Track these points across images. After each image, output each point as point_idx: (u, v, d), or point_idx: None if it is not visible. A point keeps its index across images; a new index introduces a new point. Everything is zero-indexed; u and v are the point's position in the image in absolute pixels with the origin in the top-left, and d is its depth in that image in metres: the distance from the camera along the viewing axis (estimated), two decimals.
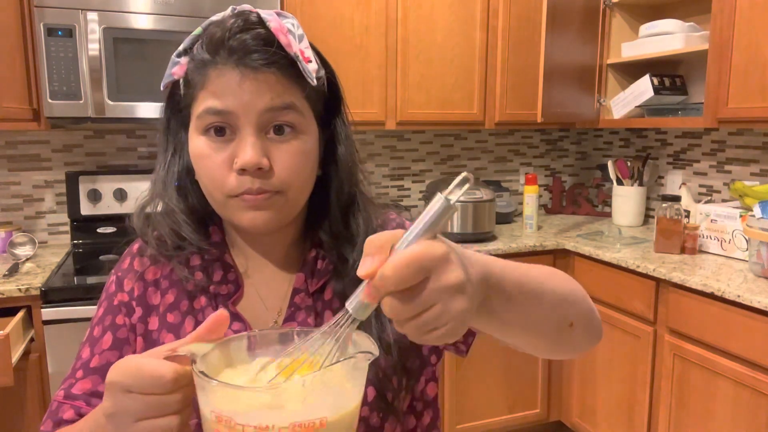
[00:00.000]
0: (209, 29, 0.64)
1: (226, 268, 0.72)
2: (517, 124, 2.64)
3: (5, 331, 1.56)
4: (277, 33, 0.61)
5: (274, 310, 0.72)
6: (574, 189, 3.06)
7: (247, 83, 0.61)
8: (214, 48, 0.62)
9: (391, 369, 0.69)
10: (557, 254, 2.41)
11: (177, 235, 0.70)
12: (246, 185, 0.62)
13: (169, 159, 0.71)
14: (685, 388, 1.88)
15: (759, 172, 2.28)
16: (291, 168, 0.64)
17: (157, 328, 0.71)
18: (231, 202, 0.64)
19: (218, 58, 0.61)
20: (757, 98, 1.87)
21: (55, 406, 0.69)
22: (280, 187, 0.64)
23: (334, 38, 2.28)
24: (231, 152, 0.63)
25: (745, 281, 1.76)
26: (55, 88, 1.88)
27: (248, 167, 0.61)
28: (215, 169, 0.63)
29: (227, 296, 0.71)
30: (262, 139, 0.63)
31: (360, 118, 2.36)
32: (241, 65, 0.60)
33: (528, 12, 2.55)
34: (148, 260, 0.73)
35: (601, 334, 0.69)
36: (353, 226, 0.72)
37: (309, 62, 0.63)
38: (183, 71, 0.65)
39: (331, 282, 0.72)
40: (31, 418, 1.79)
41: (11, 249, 2.09)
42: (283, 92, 0.62)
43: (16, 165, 2.27)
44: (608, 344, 2.20)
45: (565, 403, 2.48)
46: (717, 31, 2.00)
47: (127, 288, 0.73)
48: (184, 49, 0.65)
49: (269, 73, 0.61)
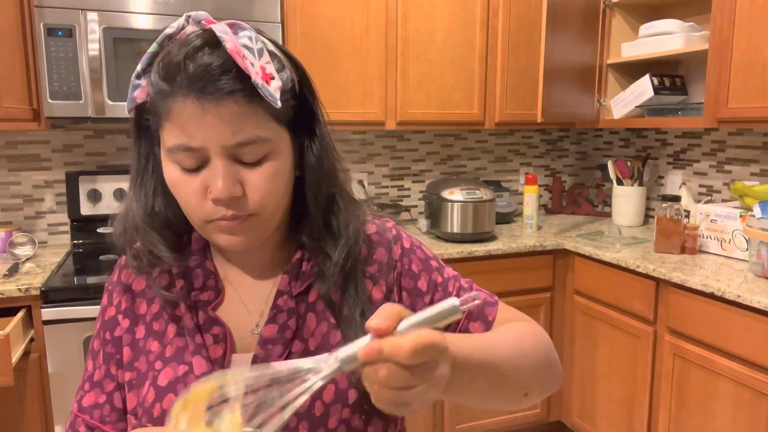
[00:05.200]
0: (165, 50, 0.62)
1: (206, 275, 0.72)
2: (517, 124, 2.64)
3: (5, 331, 1.56)
4: (234, 55, 0.58)
5: (256, 313, 0.72)
6: (574, 189, 3.06)
7: (209, 117, 0.59)
8: (170, 77, 0.59)
9: None
10: (557, 254, 2.41)
11: (151, 253, 0.70)
12: (220, 212, 0.63)
13: (141, 174, 0.70)
14: (685, 388, 1.88)
15: (759, 172, 2.28)
16: (265, 191, 0.64)
17: (143, 336, 0.72)
18: (208, 226, 0.65)
19: (176, 89, 0.59)
20: (757, 98, 1.87)
21: (72, 418, 0.73)
22: (254, 210, 0.64)
23: (334, 38, 2.28)
24: (203, 180, 0.62)
25: (745, 281, 1.76)
26: (55, 88, 1.88)
27: (221, 198, 0.61)
28: (190, 198, 0.63)
29: (207, 302, 0.71)
30: (234, 167, 0.62)
31: (360, 118, 2.37)
32: (201, 97, 0.58)
33: (528, 12, 2.55)
34: (134, 271, 0.74)
35: (560, 378, 0.74)
36: (335, 227, 0.71)
37: (272, 79, 0.60)
38: (144, 94, 0.63)
39: (315, 284, 0.72)
40: (31, 418, 1.79)
41: (11, 249, 2.09)
42: (245, 125, 0.60)
43: (16, 165, 2.27)
44: (608, 344, 2.20)
45: (565, 403, 2.48)
46: (717, 31, 2.00)
47: (115, 302, 0.75)
48: (142, 69, 0.63)
49: (230, 103, 0.59)
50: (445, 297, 0.76)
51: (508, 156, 3.05)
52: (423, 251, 0.80)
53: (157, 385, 0.68)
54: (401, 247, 0.78)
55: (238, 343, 0.71)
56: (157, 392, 0.68)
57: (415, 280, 0.76)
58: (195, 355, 0.68)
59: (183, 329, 0.70)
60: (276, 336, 0.69)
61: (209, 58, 0.58)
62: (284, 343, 0.69)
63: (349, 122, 2.36)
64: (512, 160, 3.06)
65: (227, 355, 0.69)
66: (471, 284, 0.81)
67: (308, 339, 0.70)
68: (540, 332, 0.73)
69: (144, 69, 0.63)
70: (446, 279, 0.78)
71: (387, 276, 0.75)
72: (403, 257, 0.77)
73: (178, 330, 0.70)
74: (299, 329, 0.70)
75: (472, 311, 0.75)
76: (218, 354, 0.68)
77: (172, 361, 0.69)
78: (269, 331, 0.69)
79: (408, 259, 0.77)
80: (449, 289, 0.77)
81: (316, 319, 0.71)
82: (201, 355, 0.68)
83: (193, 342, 0.69)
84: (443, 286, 0.77)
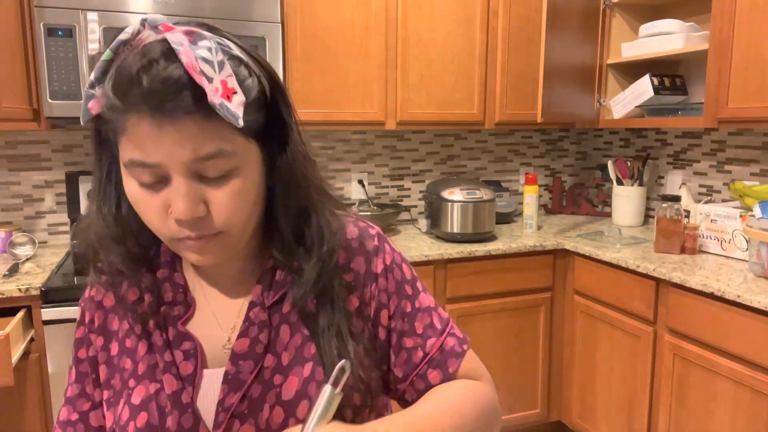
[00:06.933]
0: (120, 57, 0.56)
1: (176, 288, 0.70)
2: (517, 124, 2.64)
3: (5, 331, 1.56)
4: (189, 70, 0.53)
5: (228, 326, 0.70)
6: (574, 189, 3.06)
7: (166, 136, 0.55)
8: (123, 93, 0.54)
9: (351, 387, 0.68)
10: (557, 254, 2.41)
11: (113, 267, 0.68)
12: (185, 233, 0.60)
13: (104, 185, 0.66)
14: (685, 388, 1.88)
15: (759, 172, 2.28)
16: (230, 210, 0.60)
17: (117, 353, 0.71)
18: (174, 243, 0.62)
19: (130, 104, 0.54)
20: (757, 98, 1.87)
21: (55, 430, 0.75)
22: (221, 228, 0.61)
23: (334, 38, 2.28)
24: (164, 199, 0.58)
25: (745, 281, 1.76)
26: (55, 88, 1.88)
27: (183, 219, 0.58)
28: (153, 216, 0.60)
29: (177, 317, 0.69)
30: (196, 185, 0.58)
31: (360, 118, 2.37)
32: (157, 115, 0.54)
33: (528, 12, 2.55)
34: (103, 287, 0.72)
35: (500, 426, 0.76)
36: (307, 239, 0.68)
37: (234, 93, 0.56)
38: (99, 105, 0.58)
39: (289, 294, 0.69)
40: (31, 418, 1.79)
41: (11, 249, 2.09)
42: (206, 140, 0.56)
43: (16, 165, 2.27)
44: (608, 344, 2.20)
45: (565, 403, 2.48)
46: (717, 31, 2.00)
47: (87, 319, 0.73)
48: (96, 78, 0.58)
49: (188, 121, 0.55)
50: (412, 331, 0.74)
51: (508, 156, 3.05)
52: (402, 271, 0.76)
53: (131, 403, 0.67)
54: (383, 262, 0.74)
55: (210, 357, 0.68)
56: (131, 410, 0.67)
57: (389, 302, 0.74)
58: (165, 372, 0.66)
59: (153, 346, 0.68)
60: (247, 351, 0.67)
61: (164, 73, 0.53)
62: (255, 358, 0.67)
63: (349, 122, 2.36)
64: (512, 160, 3.06)
65: (198, 371, 0.67)
66: (447, 323, 0.76)
67: (281, 353, 0.68)
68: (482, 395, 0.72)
69: (98, 78, 0.58)
70: (415, 309, 0.75)
71: (363, 288, 0.73)
72: (387, 273, 0.74)
73: (148, 347, 0.68)
74: (271, 343, 0.68)
75: (433, 357, 0.73)
76: (189, 371, 0.67)
77: (144, 379, 0.67)
78: (240, 345, 0.67)
79: (384, 279, 0.74)
80: (415, 323, 0.74)
81: (289, 330, 0.69)
82: (171, 373, 0.66)
83: (163, 359, 0.67)
84: (410, 318, 0.74)
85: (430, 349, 0.74)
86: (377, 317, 0.73)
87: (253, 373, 0.66)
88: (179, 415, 0.65)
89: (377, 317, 0.73)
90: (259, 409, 0.65)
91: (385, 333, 0.74)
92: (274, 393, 0.66)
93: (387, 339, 0.74)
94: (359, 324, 0.71)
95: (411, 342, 0.74)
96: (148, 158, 0.56)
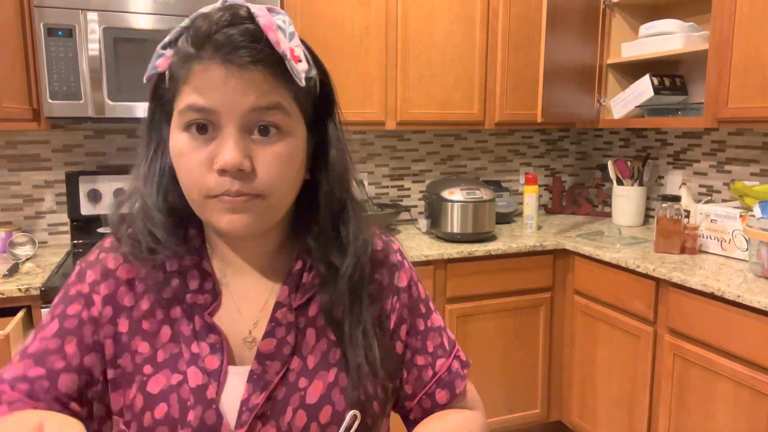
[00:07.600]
0: (196, 22, 0.60)
1: (203, 276, 0.68)
2: (517, 124, 2.64)
3: (5, 331, 1.56)
4: (266, 29, 0.58)
5: (251, 319, 0.69)
6: (574, 189, 3.06)
7: (232, 81, 0.58)
8: (199, 42, 0.58)
9: (373, 393, 0.68)
10: (557, 254, 2.41)
11: (152, 237, 0.66)
12: (225, 186, 0.59)
13: (150, 155, 0.67)
14: (685, 388, 1.88)
15: (759, 172, 2.28)
16: (274, 171, 0.61)
17: (127, 332, 0.67)
18: (209, 203, 0.61)
19: (203, 53, 0.58)
20: (757, 98, 1.87)
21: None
22: (262, 190, 0.61)
23: (334, 38, 2.28)
24: (212, 151, 0.59)
25: (745, 281, 1.76)
26: (55, 88, 1.88)
27: (228, 168, 0.58)
28: (194, 168, 0.60)
29: (204, 306, 0.67)
30: (245, 140, 0.60)
31: (360, 118, 2.37)
32: (226, 62, 0.57)
33: (528, 12, 2.55)
34: (122, 257, 0.69)
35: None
36: (343, 234, 0.69)
37: (299, 62, 0.60)
38: (167, 64, 0.61)
39: (317, 297, 0.69)
40: None
41: (11, 249, 2.09)
42: (270, 92, 0.59)
43: (16, 165, 2.27)
44: (608, 344, 2.20)
45: (565, 403, 2.48)
46: (717, 31, 2.00)
47: (89, 279, 0.68)
48: (169, 41, 0.61)
49: (256, 71, 0.58)
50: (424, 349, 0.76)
51: (508, 156, 3.05)
52: (418, 290, 0.78)
53: (147, 391, 0.64)
54: (406, 277, 0.76)
55: (233, 352, 0.68)
56: (147, 400, 0.64)
57: (408, 318, 0.76)
58: (190, 365, 0.64)
59: (178, 335, 0.66)
60: (274, 351, 0.66)
61: (242, 27, 0.58)
62: (282, 359, 0.66)
63: (349, 122, 2.33)
64: (512, 160, 3.06)
65: (224, 367, 0.65)
66: (454, 345, 0.79)
67: (307, 356, 0.67)
68: (480, 425, 0.75)
69: (171, 41, 0.61)
70: (428, 328, 0.77)
71: (384, 300, 0.73)
72: (409, 288, 0.76)
73: (172, 335, 0.66)
74: (297, 345, 0.67)
75: (441, 377, 0.75)
76: (214, 365, 0.65)
77: (164, 368, 0.65)
78: (267, 345, 0.66)
79: (406, 294, 0.76)
80: (427, 342, 0.76)
81: (315, 334, 0.69)
82: (197, 366, 0.64)
83: (189, 350, 0.65)
84: (423, 336, 0.76)
85: (440, 368, 0.76)
86: (397, 331, 0.74)
87: (279, 375, 0.66)
88: (203, 410, 0.63)
89: (397, 331, 0.74)
90: (282, 412, 0.65)
91: (402, 347, 0.75)
92: (299, 396, 0.66)
93: (403, 354, 0.75)
94: (378, 334, 0.72)
95: (422, 360, 0.75)
96: (208, 103, 0.58)
